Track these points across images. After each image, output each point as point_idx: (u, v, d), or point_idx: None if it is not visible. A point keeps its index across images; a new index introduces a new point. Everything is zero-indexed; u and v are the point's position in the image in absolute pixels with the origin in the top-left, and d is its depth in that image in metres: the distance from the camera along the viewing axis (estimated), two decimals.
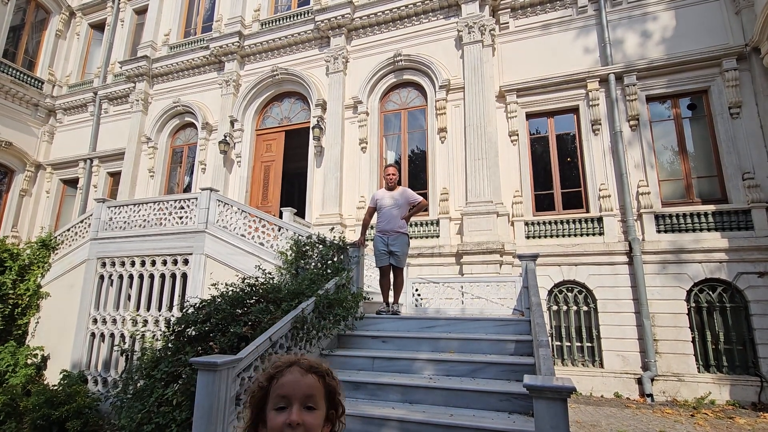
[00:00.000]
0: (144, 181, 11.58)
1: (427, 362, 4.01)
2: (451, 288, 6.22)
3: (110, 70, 13.66)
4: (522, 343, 4.11)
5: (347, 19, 9.68)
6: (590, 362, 7.29)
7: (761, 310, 6.58)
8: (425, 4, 9.16)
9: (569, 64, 8.48)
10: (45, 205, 13.53)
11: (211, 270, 6.67)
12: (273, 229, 6.68)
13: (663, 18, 8.11)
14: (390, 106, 9.59)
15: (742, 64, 7.41)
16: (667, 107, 8.07)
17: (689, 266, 7.08)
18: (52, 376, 7.46)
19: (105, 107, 13.43)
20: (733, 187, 7.19)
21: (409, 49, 9.25)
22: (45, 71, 14.11)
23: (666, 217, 7.41)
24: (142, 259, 7.39)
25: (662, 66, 7.82)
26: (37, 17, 14.37)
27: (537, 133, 8.81)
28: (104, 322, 7.47)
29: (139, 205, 7.78)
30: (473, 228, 7.81)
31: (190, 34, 12.40)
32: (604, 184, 7.85)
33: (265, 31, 10.79)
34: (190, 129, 11.75)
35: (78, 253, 8.15)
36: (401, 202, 5.35)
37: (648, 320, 6.95)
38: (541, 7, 8.95)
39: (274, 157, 10.40)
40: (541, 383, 2.42)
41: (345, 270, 5.22)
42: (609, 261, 7.46)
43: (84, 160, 13.04)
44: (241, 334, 3.95)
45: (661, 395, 6.70)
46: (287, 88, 10.55)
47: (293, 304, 4.30)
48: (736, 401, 6.35)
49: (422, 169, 8.99)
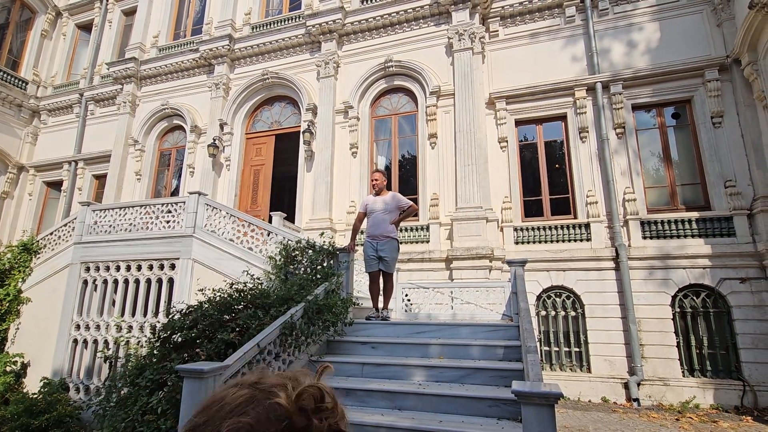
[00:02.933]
0: (131, 184, 11.40)
1: (417, 368, 4.01)
2: (440, 293, 6.23)
3: (97, 72, 13.45)
4: (511, 348, 4.13)
5: (338, 25, 9.71)
6: (578, 367, 7.35)
7: (743, 315, 6.72)
8: (416, 11, 9.24)
9: (557, 72, 8.62)
10: (27, 207, 13.22)
11: (198, 275, 6.57)
12: (262, 234, 6.63)
13: (648, 29, 8.30)
14: (381, 112, 9.62)
15: (724, 74, 7.61)
16: (652, 116, 8.25)
17: (674, 272, 7.20)
18: (32, 384, 7.25)
19: (91, 109, 13.21)
20: (715, 195, 7.36)
21: (400, 55, 9.31)
22: (29, 71, 13.83)
23: (651, 224, 7.54)
24: (127, 263, 7.25)
25: (647, 75, 7.99)
26: (22, 17, 14.11)
27: (526, 139, 8.92)
28: (87, 328, 7.31)
29: (125, 209, 7.65)
30: (463, 233, 7.85)
31: (179, 37, 12.30)
32: (592, 191, 7.96)
33: (255, 34, 10.76)
34: (179, 132, 11.62)
35: (61, 257, 7.97)
36: (391, 207, 5.35)
37: (634, 325, 7.04)
38: (530, 15, 9.10)
39: (263, 161, 10.34)
40: (528, 389, 2.43)
41: (335, 275, 5.19)
42: (596, 267, 7.56)
43: (69, 162, 12.79)
44: (229, 341, 3.89)
45: (647, 399, 6.78)
46: (278, 92, 10.52)
47: (282, 310, 4.26)
48: (719, 405, 6.46)
49: (413, 175, 9.02)
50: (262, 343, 3.58)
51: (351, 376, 4.10)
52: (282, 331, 3.90)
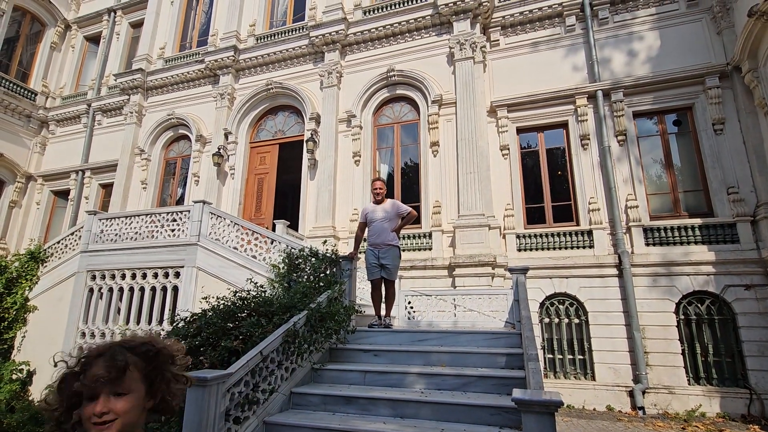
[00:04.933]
0: (136, 193, 11.54)
1: (419, 376, 4.01)
2: (443, 301, 6.24)
3: (105, 83, 13.70)
4: (513, 356, 4.14)
5: (341, 35, 9.85)
6: (582, 375, 7.30)
7: (748, 322, 6.68)
8: (418, 21, 9.37)
9: (558, 80, 8.68)
10: (35, 216, 13.39)
11: (202, 283, 6.64)
12: (265, 242, 6.69)
13: (648, 37, 8.37)
14: (383, 120, 9.72)
15: (725, 82, 7.64)
16: (653, 123, 8.28)
17: (678, 279, 7.18)
18: (37, 392, 7.31)
19: (98, 119, 13.43)
20: (718, 201, 7.35)
21: (402, 64, 9.42)
22: (39, 83, 14.11)
23: (654, 231, 7.53)
24: (132, 271, 7.33)
25: (648, 83, 8.04)
26: (32, 29, 14.43)
27: (528, 147, 8.97)
28: (93, 335, 7.37)
29: (130, 218, 7.75)
30: (465, 241, 7.87)
31: (185, 48, 12.51)
32: (594, 198, 7.97)
33: (260, 45, 10.94)
34: (184, 141, 11.77)
35: (68, 265, 8.07)
36: (391, 214, 5.39)
37: (638, 332, 7.00)
38: (530, 25, 9.20)
39: (267, 170, 10.44)
40: (529, 397, 2.45)
41: (337, 283, 5.22)
42: (599, 273, 7.55)
43: (76, 172, 12.97)
44: (232, 349, 3.93)
45: (653, 408, 6.72)
46: (281, 101, 10.65)
47: (285, 318, 4.29)
48: (726, 413, 6.39)
49: (415, 182, 9.07)
50: (265, 351, 3.61)
51: (353, 384, 4.12)
52: (285, 339, 3.93)
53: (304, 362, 4.18)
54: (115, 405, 0.98)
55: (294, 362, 4.05)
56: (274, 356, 3.77)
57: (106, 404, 0.97)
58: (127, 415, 0.99)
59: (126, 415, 0.99)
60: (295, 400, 3.85)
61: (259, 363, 3.54)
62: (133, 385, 1.02)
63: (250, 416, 3.35)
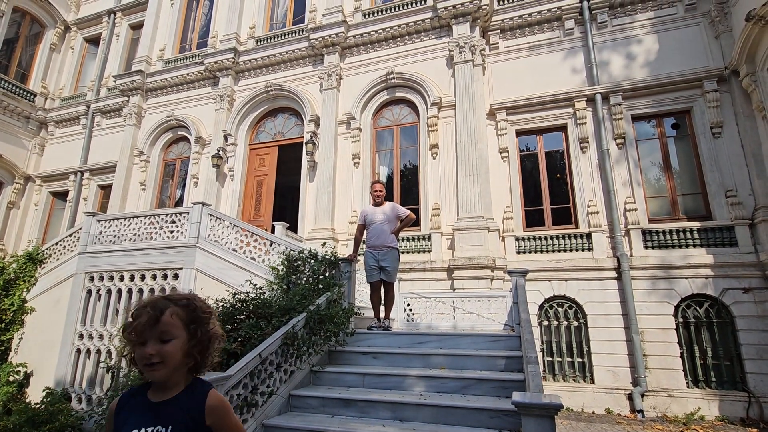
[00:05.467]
0: (135, 194, 11.52)
1: (418, 379, 4.01)
2: (442, 303, 6.23)
3: (104, 84, 13.69)
4: (512, 359, 4.13)
5: (341, 38, 9.88)
6: (581, 378, 7.30)
7: (747, 325, 6.68)
8: (417, 24, 9.40)
9: (557, 83, 8.71)
10: (33, 217, 13.36)
11: (201, 285, 6.61)
12: (265, 244, 6.68)
13: (646, 41, 8.40)
14: (382, 123, 9.73)
15: (723, 85, 7.68)
16: (652, 126, 8.31)
17: (676, 282, 7.18)
18: (34, 394, 7.26)
19: (97, 120, 13.41)
20: (717, 205, 7.37)
21: (402, 67, 9.45)
22: (38, 84, 14.09)
23: (653, 234, 7.55)
24: (131, 273, 7.31)
25: (646, 87, 8.07)
26: (31, 31, 14.43)
27: (527, 150, 8.99)
28: (90, 337, 7.34)
29: (129, 219, 7.73)
30: (464, 243, 7.87)
31: (185, 50, 12.52)
32: (593, 201, 7.99)
33: (259, 47, 10.95)
34: (183, 143, 11.77)
35: (66, 267, 8.04)
36: (390, 217, 5.40)
37: (637, 335, 7.01)
38: (529, 28, 9.23)
39: (267, 172, 10.44)
40: (528, 400, 2.45)
41: (336, 285, 5.22)
42: (598, 276, 7.55)
43: (74, 173, 12.95)
44: (231, 351, 3.92)
45: (652, 411, 6.71)
46: (281, 103, 10.66)
47: (284, 320, 4.28)
48: (725, 417, 6.39)
49: (414, 185, 9.08)
50: (263, 353, 3.61)
51: (352, 387, 4.11)
52: (284, 342, 3.92)
53: (302, 364, 4.17)
54: (161, 348, 1.13)
55: (293, 365, 4.04)
56: (272, 359, 3.76)
57: (153, 348, 1.13)
58: (172, 358, 1.14)
59: (171, 359, 1.14)
60: (294, 402, 3.84)
61: (257, 365, 3.54)
62: (176, 332, 1.16)
63: (248, 419, 3.34)
